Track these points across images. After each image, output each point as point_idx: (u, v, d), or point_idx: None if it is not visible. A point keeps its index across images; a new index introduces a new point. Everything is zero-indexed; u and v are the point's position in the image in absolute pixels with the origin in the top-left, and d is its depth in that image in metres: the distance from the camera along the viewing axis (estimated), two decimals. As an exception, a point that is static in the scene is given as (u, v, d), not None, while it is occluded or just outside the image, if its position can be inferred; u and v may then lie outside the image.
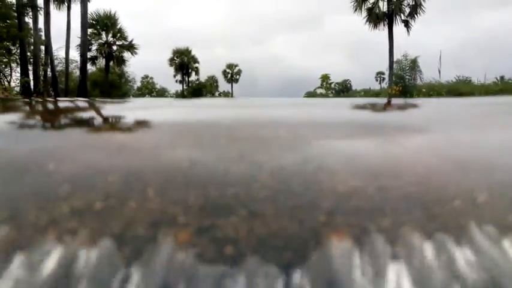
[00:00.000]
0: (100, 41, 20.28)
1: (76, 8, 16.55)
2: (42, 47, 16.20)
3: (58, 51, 18.47)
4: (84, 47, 15.91)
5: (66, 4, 17.18)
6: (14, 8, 14.23)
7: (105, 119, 0.48)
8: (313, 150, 0.44)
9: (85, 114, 0.50)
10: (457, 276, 0.30)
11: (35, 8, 15.10)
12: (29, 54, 15.39)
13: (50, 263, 0.32)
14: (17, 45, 15.44)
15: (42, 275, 0.32)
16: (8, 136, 0.46)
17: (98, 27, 20.05)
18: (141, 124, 0.50)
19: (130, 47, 20.38)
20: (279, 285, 0.31)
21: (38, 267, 0.32)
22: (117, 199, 0.37)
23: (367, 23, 18.28)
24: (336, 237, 0.33)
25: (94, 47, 20.09)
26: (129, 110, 0.46)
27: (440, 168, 0.40)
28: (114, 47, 20.38)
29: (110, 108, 0.52)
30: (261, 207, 0.36)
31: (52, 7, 16.19)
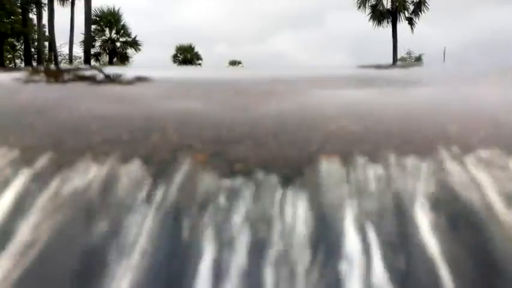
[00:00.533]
0: (103, 37, 20.40)
1: (80, 4, 16.70)
2: (46, 43, 16.31)
3: (62, 47, 18.61)
4: (88, 43, 16.02)
5: (70, 0, 17.30)
6: (18, 4, 14.32)
7: (121, 78, 0.54)
8: (309, 99, 0.51)
9: (101, 76, 0.57)
10: (421, 185, 0.36)
11: (39, 4, 15.19)
12: (33, 50, 15.50)
13: (86, 179, 0.39)
14: (21, 41, 15.55)
15: (79, 189, 0.38)
16: (44, 89, 0.53)
17: (102, 23, 20.16)
18: (153, 80, 0.57)
19: (134, 44, 20.49)
20: (279, 193, 0.37)
21: (77, 182, 0.39)
22: (142, 133, 0.44)
23: (371, 20, 18.27)
24: (326, 159, 0.40)
25: (97, 43, 20.22)
26: (142, 71, 0.51)
27: (420, 111, 0.47)
28: (118, 44, 20.50)
29: (123, 71, 0.58)
30: (264, 139, 0.43)
31: (56, 3, 16.31)
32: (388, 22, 17.83)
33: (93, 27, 17.91)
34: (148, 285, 0.33)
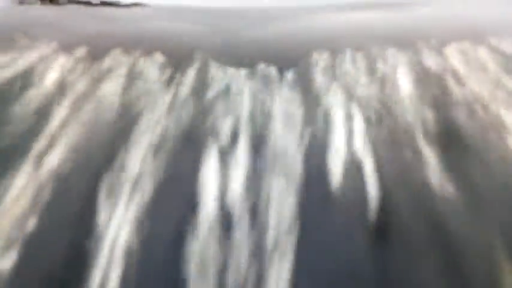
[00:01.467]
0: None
1: None
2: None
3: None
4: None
5: None
6: None
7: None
8: (302, 17, 0.58)
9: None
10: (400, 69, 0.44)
11: None
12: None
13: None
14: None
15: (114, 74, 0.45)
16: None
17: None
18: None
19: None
20: (276, 81, 0.45)
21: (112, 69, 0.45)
22: (160, 38, 0.51)
23: None
24: (317, 52, 0.47)
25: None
26: None
27: (405, 20, 0.54)
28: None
29: None
30: (266, 41, 0.50)
31: None
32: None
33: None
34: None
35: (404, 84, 0.43)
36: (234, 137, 0.42)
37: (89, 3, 0.74)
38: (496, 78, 0.40)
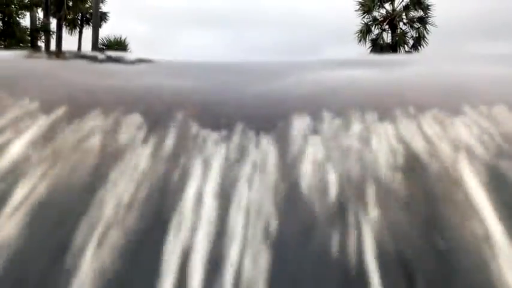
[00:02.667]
0: (109, 65, 20.83)
1: (87, 33, 17.23)
2: (53, 70, 16.62)
3: (68, 74, 19.00)
4: (94, 71, 16.37)
5: (78, 29, 17.83)
6: (28, 32, 14.70)
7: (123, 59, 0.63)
8: (288, 75, 0.59)
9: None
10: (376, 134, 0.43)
11: (47, 32, 15.60)
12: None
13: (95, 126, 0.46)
14: (29, 67, 15.81)
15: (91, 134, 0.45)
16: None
17: (108, 52, 20.64)
18: (154, 62, 0.65)
19: (139, 72, 20.89)
20: (252, 142, 0.44)
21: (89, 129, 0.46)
22: (140, 96, 0.52)
23: (371, 53, 18.65)
24: (297, 114, 0.47)
25: (103, 72, 20.61)
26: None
27: (387, 83, 0.54)
28: (123, 72, 20.90)
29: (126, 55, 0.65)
30: (247, 101, 0.51)
31: (64, 32, 16.82)
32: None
33: (99, 55, 18.33)
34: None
35: (380, 152, 0.43)
36: (200, 198, 0.41)
37: (95, 58, 0.77)
38: (467, 150, 0.39)
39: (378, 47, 18.35)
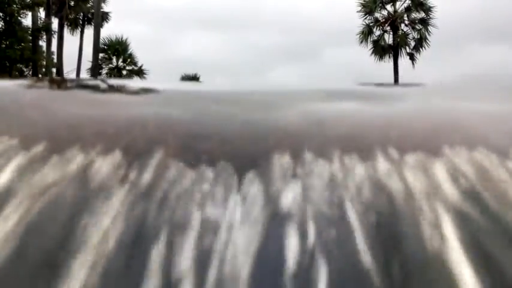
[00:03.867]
0: (110, 65, 20.89)
1: (89, 33, 17.25)
2: (54, 70, 16.67)
3: (69, 74, 19.07)
4: (95, 70, 16.40)
5: (80, 29, 17.85)
6: (29, 32, 14.72)
7: (120, 88, 0.62)
8: (276, 107, 0.59)
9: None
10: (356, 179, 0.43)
11: (49, 32, 15.63)
12: (40, 76, 15.82)
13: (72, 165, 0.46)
14: (30, 67, 15.88)
15: (69, 172, 0.45)
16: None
17: (109, 52, 20.68)
18: (146, 90, 0.65)
19: (140, 72, 20.93)
20: (235, 181, 0.44)
21: (67, 167, 0.46)
22: (124, 129, 0.51)
23: (372, 55, 18.60)
24: (278, 153, 0.47)
25: (104, 71, 20.66)
26: (141, 84, 0.59)
27: (371, 119, 0.54)
28: (124, 72, 20.95)
29: (126, 83, 0.66)
30: (230, 137, 0.50)
31: (66, 31, 16.84)
32: (389, 57, 18.17)
33: (100, 55, 18.38)
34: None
35: (356, 191, 0.42)
36: (182, 243, 0.41)
37: (97, 88, 0.77)
38: (445, 195, 0.39)
39: (379, 48, 18.34)
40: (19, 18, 13.90)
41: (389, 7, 18.12)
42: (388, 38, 18.39)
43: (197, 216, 0.42)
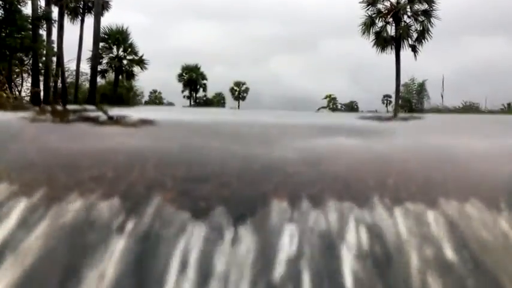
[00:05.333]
0: (111, 54, 20.77)
1: (89, 22, 17.13)
2: (54, 59, 16.58)
3: (69, 63, 18.98)
4: (95, 60, 16.32)
5: (80, 18, 17.71)
6: (29, 20, 14.60)
7: (119, 120, 0.63)
8: (274, 145, 0.59)
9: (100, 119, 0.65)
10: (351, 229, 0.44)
11: (49, 21, 15.51)
12: (40, 65, 15.74)
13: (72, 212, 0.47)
14: (30, 56, 15.79)
15: (68, 219, 0.46)
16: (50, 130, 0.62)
17: (110, 41, 20.56)
18: (146, 122, 0.65)
19: (140, 62, 20.83)
20: (229, 233, 0.45)
21: (65, 214, 0.46)
22: (124, 170, 0.52)
23: (375, 46, 18.49)
24: (277, 199, 0.47)
25: (104, 61, 20.56)
26: (142, 113, 0.60)
27: (368, 161, 0.54)
28: (125, 61, 20.84)
29: (126, 112, 0.66)
30: (228, 180, 0.51)
31: (66, 20, 16.73)
32: (391, 49, 18.06)
33: (101, 44, 18.27)
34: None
35: (351, 240, 0.43)
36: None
37: (97, 120, 0.77)
38: (436, 247, 0.40)
39: (381, 39, 18.21)
40: (19, 6, 13.78)
41: (392, -2, 17.95)
42: (391, 30, 18.25)
43: (192, 263, 0.43)
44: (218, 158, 0.55)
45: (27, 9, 14.33)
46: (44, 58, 15.59)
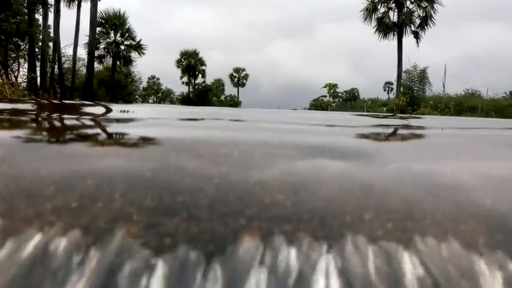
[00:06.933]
0: (108, 40, 20.60)
1: (86, 7, 16.90)
2: (51, 44, 16.43)
3: (66, 48, 18.82)
4: (92, 45, 16.19)
5: (77, 2, 17.49)
6: (25, 4, 14.44)
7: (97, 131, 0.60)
8: (252, 168, 0.57)
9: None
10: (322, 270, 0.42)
11: (45, 5, 15.34)
12: (37, 50, 15.61)
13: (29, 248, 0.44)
14: (26, 41, 15.65)
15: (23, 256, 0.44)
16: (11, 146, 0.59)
17: (107, 26, 20.37)
18: (120, 137, 0.62)
19: (138, 47, 20.67)
20: (200, 273, 0.43)
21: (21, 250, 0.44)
22: (89, 199, 0.50)
23: (376, 32, 18.33)
24: (247, 235, 0.45)
25: (102, 46, 20.40)
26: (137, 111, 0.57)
27: (348, 192, 0.52)
28: (122, 47, 20.68)
29: (124, 108, 0.63)
30: (198, 212, 0.49)
31: (62, 5, 16.51)
32: (394, 35, 17.90)
33: (98, 29, 18.08)
34: None
35: (321, 285, 0.41)
36: None
37: (71, 134, 0.74)
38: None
39: (383, 26, 18.04)
40: (14, -10, 13.61)
41: (395, -17, 17.73)
42: (393, 16, 18.06)
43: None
44: (191, 185, 0.53)
45: (22, -7, 14.14)
46: (40, 43, 15.46)
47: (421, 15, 17.69)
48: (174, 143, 0.62)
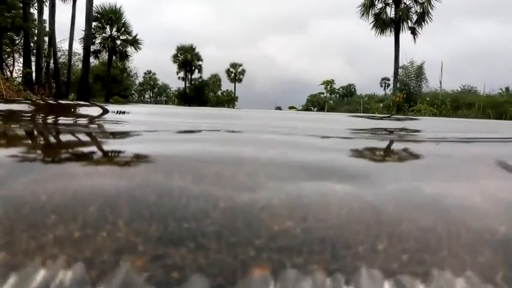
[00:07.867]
0: (104, 34, 20.43)
1: (81, 1, 16.73)
2: (46, 39, 16.28)
3: (61, 43, 18.65)
4: (88, 40, 16.05)
5: (72, -4, 17.29)
6: (19, -2, 14.25)
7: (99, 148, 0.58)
8: (259, 193, 0.55)
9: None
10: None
11: (40, -1, 15.14)
12: (32, 45, 15.46)
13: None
14: (21, 35, 15.50)
15: None
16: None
17: (103, 20, 20.19)
18: (125, 155, 0.61)
19: (134, 42, 20.51)
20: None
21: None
22: (92, 229, 0.48)
23: (374, 28, 18.29)
24: (259, 269, 0.43)
25: (98, 41, 20.23)
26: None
27: (358, 219, 0.50)
28: (118, 42, 20.52)
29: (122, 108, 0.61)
30: (206, 242, 0.47)
31: (58, -1, 16.33)
32: (391, 31, 17.86)
33: (94, 24, 17.92)
34: None
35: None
36: None
37: (72, 153, 0.71)
38: None
39: (380, 21, 17.99)
40: (8, -16, 13.45)
41: (392, -21, 17.68)
42: (390, 12, 18.01)
43: None
44: (197, 210, 0.52)
45: (17, -13, 14.00)
46: (35, 38, 15.31)
47: (418, 11, 17.65)
48: (177, 162, 0.61)
